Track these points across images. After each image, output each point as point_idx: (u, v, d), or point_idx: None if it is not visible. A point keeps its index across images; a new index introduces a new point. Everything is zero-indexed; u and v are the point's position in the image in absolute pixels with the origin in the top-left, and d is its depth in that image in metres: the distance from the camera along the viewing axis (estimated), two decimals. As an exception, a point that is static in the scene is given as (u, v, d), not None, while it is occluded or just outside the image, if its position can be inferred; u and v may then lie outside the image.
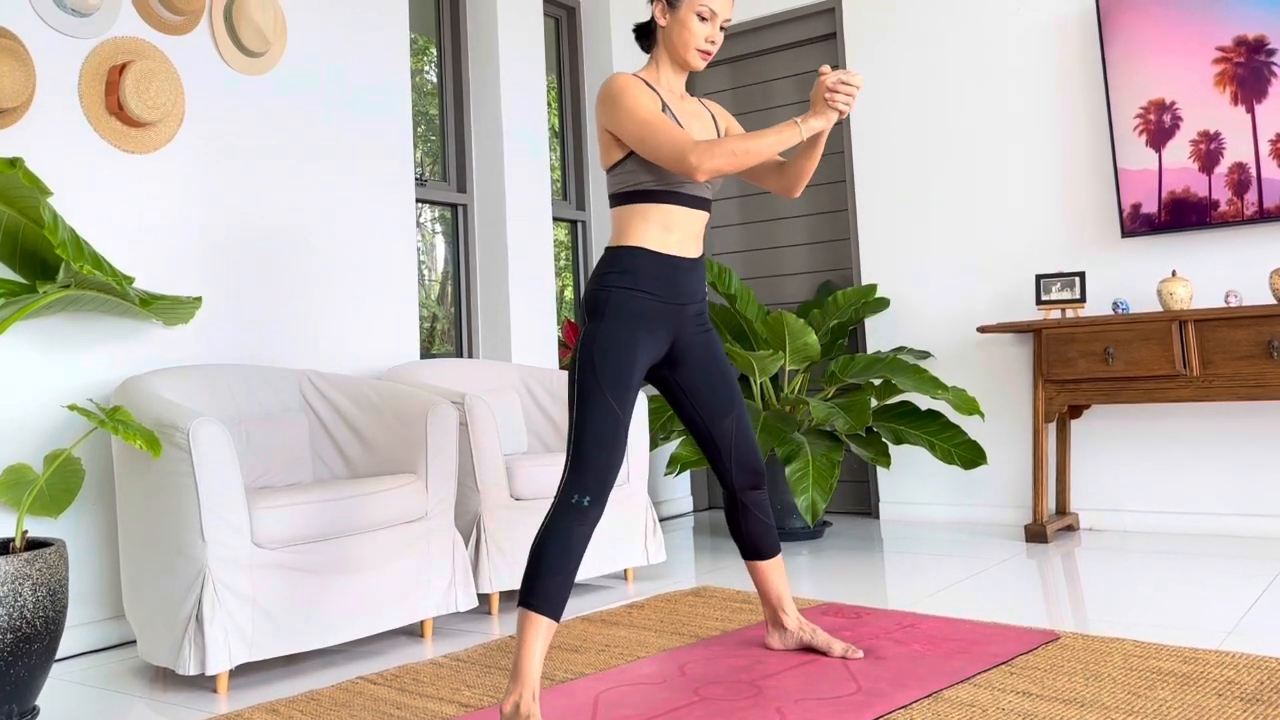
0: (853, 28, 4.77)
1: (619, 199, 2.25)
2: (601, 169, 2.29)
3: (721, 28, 2.27)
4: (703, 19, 2.24)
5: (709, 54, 2.27)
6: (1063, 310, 3.99)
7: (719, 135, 2.39)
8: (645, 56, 5.21)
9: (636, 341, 2.19)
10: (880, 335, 4.68)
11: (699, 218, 2.28)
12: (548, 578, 2.03)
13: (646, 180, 2.20)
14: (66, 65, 3.03)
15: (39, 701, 2.48)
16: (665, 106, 2.24)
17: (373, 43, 3.90)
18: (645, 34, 2.37)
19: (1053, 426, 4.21)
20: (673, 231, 2.24)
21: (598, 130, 2.25)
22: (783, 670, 2.38)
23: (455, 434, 3.00)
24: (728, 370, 2.41)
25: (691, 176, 2.08)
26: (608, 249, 2.26)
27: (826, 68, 2.14)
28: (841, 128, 4.87)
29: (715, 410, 2.38)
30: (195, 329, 3.28)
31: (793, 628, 2.51)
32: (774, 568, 2.49)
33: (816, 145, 2.27)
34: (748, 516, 2.45)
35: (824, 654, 2.47)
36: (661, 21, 2.28)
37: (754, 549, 2.47)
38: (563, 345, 4.76)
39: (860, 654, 2.44)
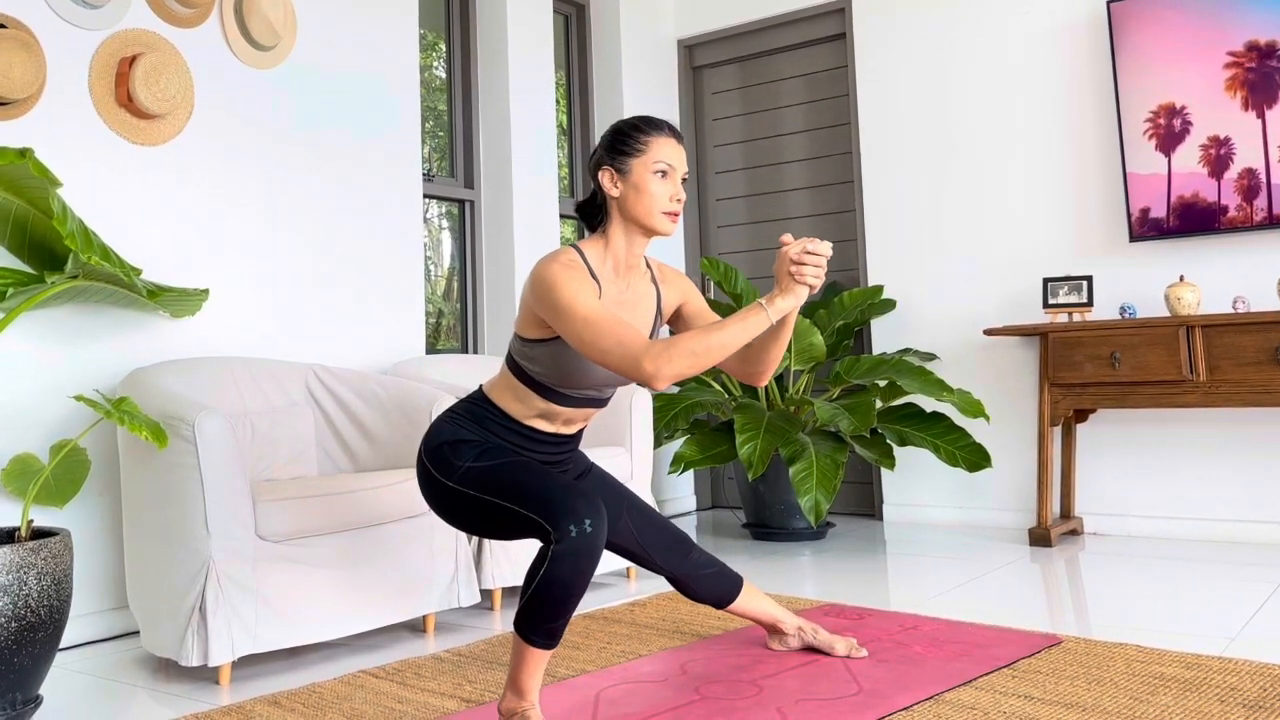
0: (862, 28, 4.76)
1: (512, 365, 2.05)
2: (517, 333, 2.06)
3: (683, 181, 2.04)
4: (662, 175, 2.00)
5: (677, 214, 2.00)
6: (1070, 314, 3.98)
7: (656, 321, 2.12)
8: (652, 48, 5.22)
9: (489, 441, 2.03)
10: (886, 337, 4.67)
11: (590, 413, 2.10)
12: (550, 618, 1.87)
13: (543, 375, 2.00)
14: (77, 57, 3.04)
15: (42, 690, 2.49)
16: (600, 297, 1.98)
17: (382, 38, 3.91)
18: (591, 211, 2.10)
19: (1058, 430, 4.20)
20: (552, 420, 2.07)
21: (522, 302, 2.00)
22: (784, 670, 2.38)
23: (460, 430, 3.00)
24: (602, 476, 2.26)
25: (649, 386, 1.81)
26: (481, 391, 2.10)
27: (788, 237, 1.89)
28: (850, 128, 4.87)
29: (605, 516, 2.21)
30: (202, 321, 3.28)
31: (793, 632, 2.50)
32: (747, 598, 2.41)
33: (785, 325, 2.00)
34: (695, 582, 2.33)
35: (826, 654, 2.47)
36: (613, 192, 2.01)
37: (719, 600, 2.38)
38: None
39: (864, 652, 2.44)
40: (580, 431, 2.18)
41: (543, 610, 1.86)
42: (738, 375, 2.14)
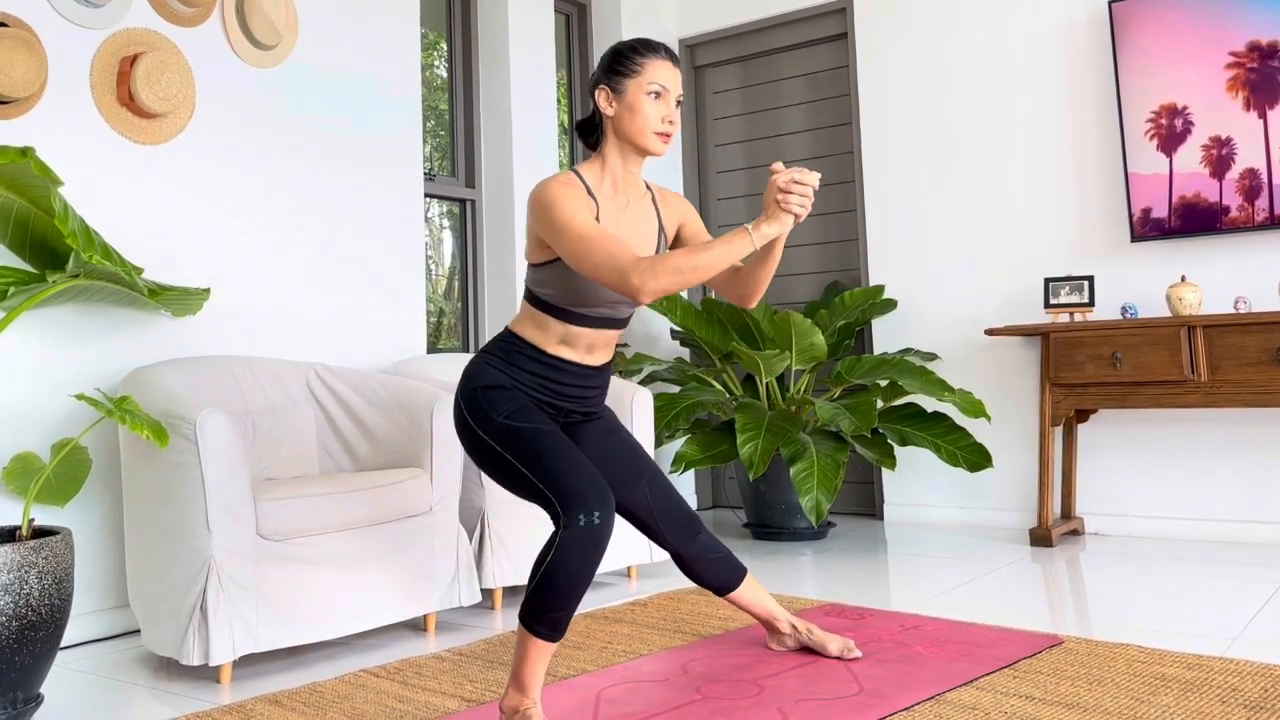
0: (863, 28, 4.76)
1: (530, 296, 2.10)
2: (526, 261, 2.13)
3: (678, 103, 2.08)
4: (656, 96, 2.04)
5: (668, 136, 2.06)
6: (1071, 314, 3.98)
7: (661, 240, 2.17)
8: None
9: (524, 399, 2.05)
10: (887, 336, 4.67)
11: (607, 334, 2.12)
12: (555, 607, 1.90)
13: (561, 297, 2.04)
14: (78, 56, 3.04)
15: (43, 689, 2.49)
16: (598, 218, 2.04)
17: (384, 37, 3.90)
18: (588, 129, 2.16)
19: (1059, 430, 4.20)
20: (574, 345, 2.10)
21: (527, 226, 2.06)
22: (785, 670, 2.38)
23: (461, 429, 3.00)
24: (628, 440, 2.28)
25: (635, 299, 1.87)
26: (508, 328, 2.13)
27: (778, 165, 1.93)
28: (851, 128, 4.87)
29: (624, 485, 2.25)
30: (203, 320, 3.28)
31: (788, 632, 2.50)
32: (748, 590, 2.43)
33: (773, 251, 2.05)
34: (699, 564, 2.35)
35: (822, 655, 2.47)
36: (608, 111, 2.07)
37: (721, 586, 2.39)
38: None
39: (858, 654, 2.44)
40: (606, 366, 2.18)
41: (547, 599, 1.89)
42: (728, 296, 2.18)
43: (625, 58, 2.06)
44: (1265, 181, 3.74)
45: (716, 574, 2.38)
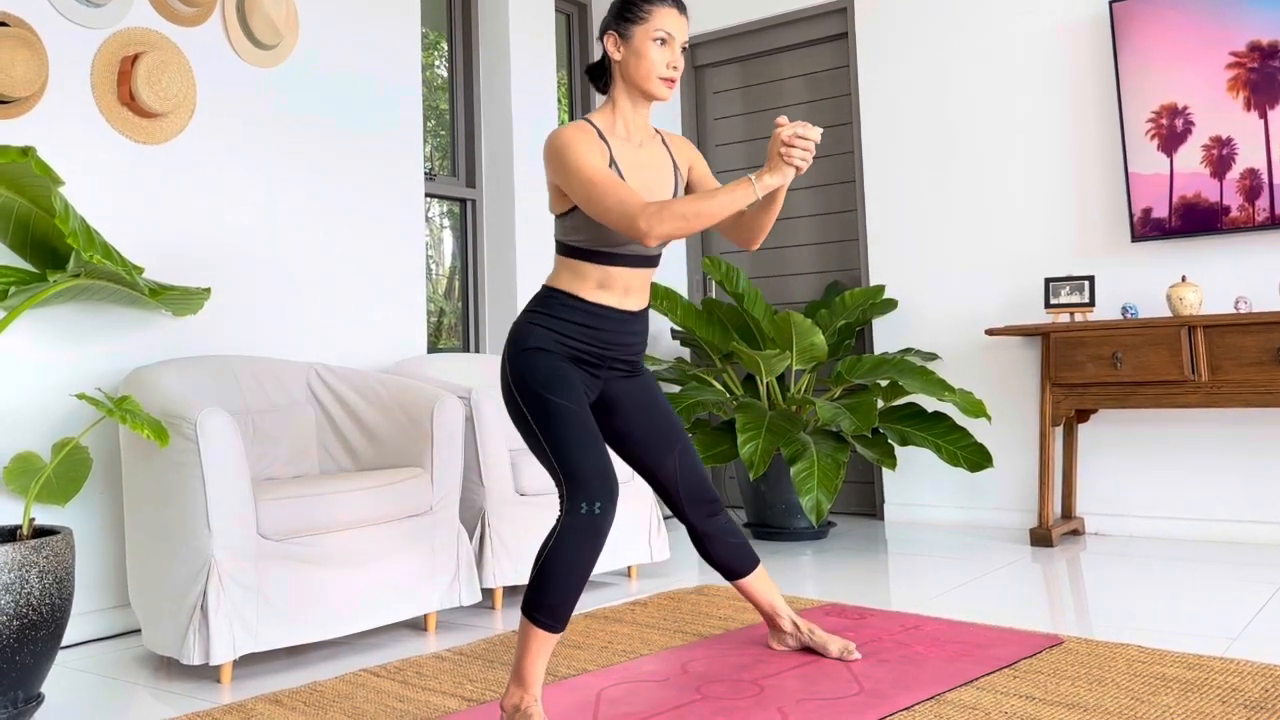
0: (864, 28, 4.76)
1: (562, 247, 2.15)
2: (551, 213, 2.19)
3: (682, 49, 2.15)
4: (661, 43, 2.11)
5: (673, 81, 2.13)
6: (1071, 314, 3.98)
7: (676, 179, 2.23)
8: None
9: (567, 364, 2.10)
10: (888, 336, 4.67)
11: (643, 274, 2.17)
12: (555, 595, 1.94)
13: (589, 240, 2.09)
14: (79, 55, 3.04)
15: (44, 688, 2.49)
16: (612, 160, 2.10)
17: (384, 37, 3.91)
18: (599, 74, 2.22)
19: (1059, 430, 4.20)
20: (611, 289, 2.13)
21: (546, 181, 2.13)
22: (785, 670, 2.38)
23: (461, 429, 3.00)
24: (665, 407, 2.31)
25: (641, 241, 1.95)
26: (543, 286, 2.17)
27: (783, 119, 2.00)
28: (852, 128, 4.87)
29: (656, 449, 2.28)
30: (204, 320, 3.28)
31: (789, 630, 2.51)
32: (758, 580, 2.44)
33: (775, 199, 2.12)
34: (714, 543, 2.37)
35: (822, 655, 2.47)
36: (615, 55, 2.14)
37: (732, 570, 2.41)
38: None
39: (858, 655, 2.44)
40: (644, 312, 2.21)
41: (547, 586, 1.94)
42: (732, 239, 2.26)
43: (634, 4, 2.12)
44: (1266, 181, 3.74)
45: (729, 556, 2.40)
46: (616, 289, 2.13)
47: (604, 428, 2.27)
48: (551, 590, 1.94)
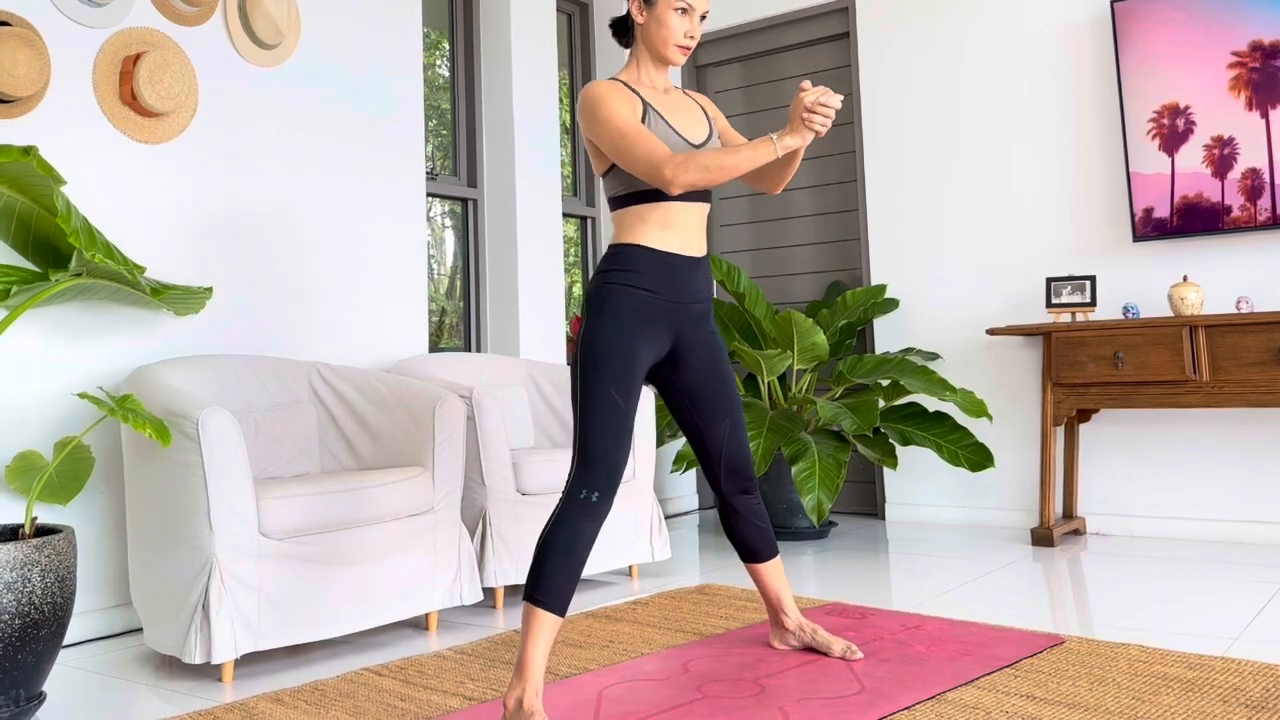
0: (865, 27, 4.76)
1: (617, 201, 2.23)
2: (596, 175, 2.27)
3: (701, 18, 2.26)
4: (682, 12, 2.22)
5: (689, 49, 2.25)
6: (1073, 314, 3.98)
7: (710, 123, 2.35)
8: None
9: (637, 338, 2.17)
10: (889, 336, 4.67)
11: (699, 210, 2.25)
12: (554, 573, 2.02)
13: (639, 182, 2.18)
14: (81, 55, 3.04)
15: (46, 687, 2.50)
16: (647, 107, 2.20)
17: (386, 37, 3.91)
18: (623, 30, 2.33)
19: (1061, 430, 4.20)
20: (673, 229, 2.21)
21: (585, 141, 2.23)
22: (786, 669, 2.38)
23: (462, 428, 3.01)
24: (728, 373, 2.38)
25: (666, 190, 2.05)
26: (610, 246, 2.24)
27: (807, 84, 2.08)
28: (853, 127, 4.87)
29: (712, 413, 2.35)
30: (205, 319, 3.29)
31: (793, 628, 2.51)
32: (771, 569, 2.47)
33: (795, 156, 2.22)
34: (740, 520, 2.43)
35: (824, 654, 2.47)
36: (639, 19, 2.25)
37: (750, 551, 2.46)
38: (570, 341, 4.76)
39: (860, 654, 2.44)
40: (705, 259, 2.28)
41: (545, 566, 2.02)
42: (754, 186, 2.37)
43: None
44: (1267, 181, 3.74)
45: (752, 538, 2.44)
46: (678, 228, 2.21)
47: (667, 381, 2.34)
48: (549, 568, 2.02)
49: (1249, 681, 2.19)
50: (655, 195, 2.19)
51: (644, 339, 2.18)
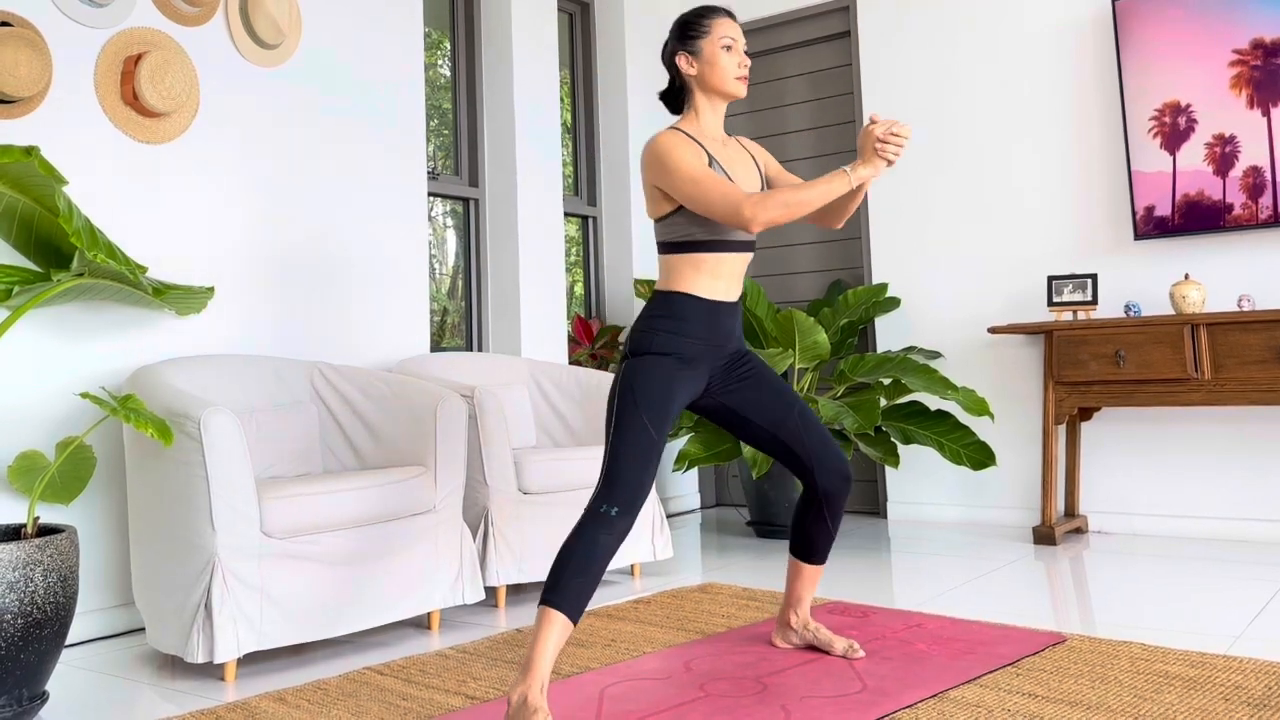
0: (867, 27, 4.76)
1: (670, 247, 2.29)
2: (649, 218, 2.32)
3: (745, 50, 2.35)
4: (727, 49, 2.30)
5: (747, 78, 2.34)
6: (1074, 312, 3.98)
7: (760, 171, 2.41)
8: (653, 46, 5.22)
9: (675, 380, 2.23)
10: (890, 335, 4.67)
11: (746, 258, 2.34)
12: (569, 580, 2.05)
13: (697, 232, 2.25)
14: (82, 55, 3.04)
15: (49, 687, 2.50)
16: (712, 160, 2.28)
17: (387, 36, 3.91)
18: (672, 96, 2.40)
19: (1063, 429, 4.20)
20: (720, 278, 2.29)
21: (644, 185, 2.30)
22: (788, 667, 2.38)
23: (464, 427, 3.01)
24: (772, 375, 2.42)
25: (747, 229, 2.13)
26: (657, 292, 2.30)
27: (876, 115, 2.19)
28: (855, 126, 4.87)
29: (774, 416, 2.37)
30: (207, 319, 3.29)
31: (796, 626, 2.52)
32: (813, 572, 2.50)
33: (860, 189, 2.31)
34: (819, 521, 2.43)
35: (826, 653, 2.47)
36: (690, 71, 2.32)
37: (808, 549, 2.47)
38: (572, 340, 4.76)
39: (861, 653, 2.44)
40: (741, 301, 2.36)
41: (560, 570, 2.06)
42: (816, 222, 2.45)
43: (693, 24, 2.33)
44: (1269, 179, 3.74)
45: (819, 537, 2.44)
46: (725, 276, 2.30)
47: (717, 405, 2.39)
48: (565, 574, 2.05)
49: (1251, 680, 2.19)
50: (710, 246, 2.26)
51: (681, 381, 2.25)
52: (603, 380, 3.72)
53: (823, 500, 2.40)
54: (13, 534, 2.37)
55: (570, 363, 4.65)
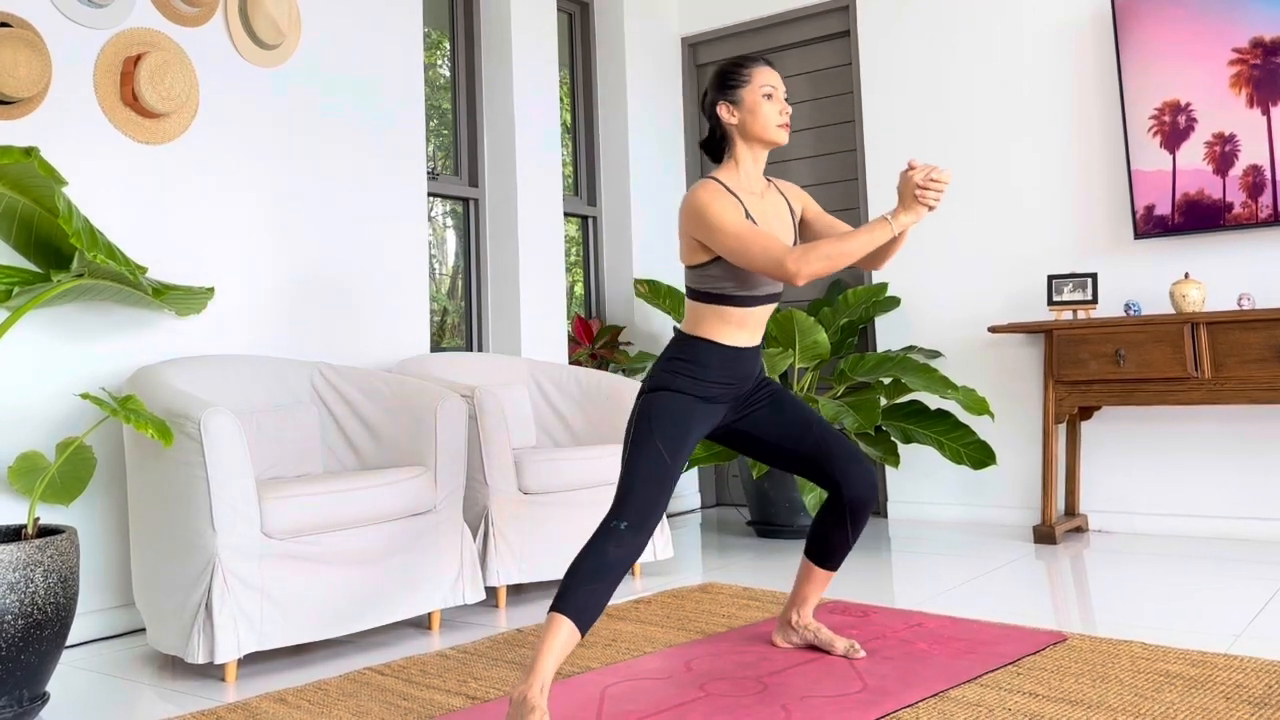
0: (866, 26, 4.76)
1: (700, 295, 2.31)
2: (682, 263, 2.33)
3: (785, 99, 2.35)
4: (768, 97, 2.30)
5: (789, 125, 2.34)
6: (1074, 311, 3.98)
7: (794, 223, 2.42)
8: (656, 47, 5.22)
9: (693, 416, 2.27)
10: (890, 334, 4.67)
11: (770, 309, 2.37)
12: (577, 586, 2.06)
13: (729, 286, 2.27)
14: (82, 56, 3.04)
15: (49, 687, 2.50)
16: (747, 213, 2.28)
17: (386, 36, 3.91)
18: (712, 145, 2.40)
19: (1063, 428, 4.20)
20: (746, 328, 2.32)
21: (680, 233, 2.30)
22: (789, 667, 2.38)
23: (464, 427, 3.01)
24: (787, 396, 2.45)
25: (791, 283, 2.14)
26: (682, 334, 2.33)
27: (915, 161, 2.18)
28: (854, 125, 4.87)
29: (791, 429, 2.40)
30: (207, 320, 3.29)
31: (798, 626, 2.52)
32: (824, 577, 2.51)
33: (902, 234, 2.31)
34: (840, 529, 2.43)
35: (827, 652, 2.47)
36: (732, 120, 2.32)
37: (824, 555, 2.47)
38: (572, 340, 4.76)
39: (862, 653, 2.44)
40: (761, 345, 2.40)
41: (571, 580, 2.07)
42: (860, 265, 2.41)
43: (732, 74, 2.33)
44: (1269, 178, 3.74)
45: (838, 545, 2.44)
46: (750, 327, 2.33)
47: (736, 431, 2.42)
48: (575, 583, 2.06)
49: (1252, 678, 2.19)
50: (740, 300, 2.29)
51: (698, 415, 2.28)
52: (603, 380, 3.72)
53: (848, 510, 2.41)
54: (13, 535, 2.37)
55: (570, 363, 4.65)
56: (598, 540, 2.10)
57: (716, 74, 2.36)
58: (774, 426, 2.41)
